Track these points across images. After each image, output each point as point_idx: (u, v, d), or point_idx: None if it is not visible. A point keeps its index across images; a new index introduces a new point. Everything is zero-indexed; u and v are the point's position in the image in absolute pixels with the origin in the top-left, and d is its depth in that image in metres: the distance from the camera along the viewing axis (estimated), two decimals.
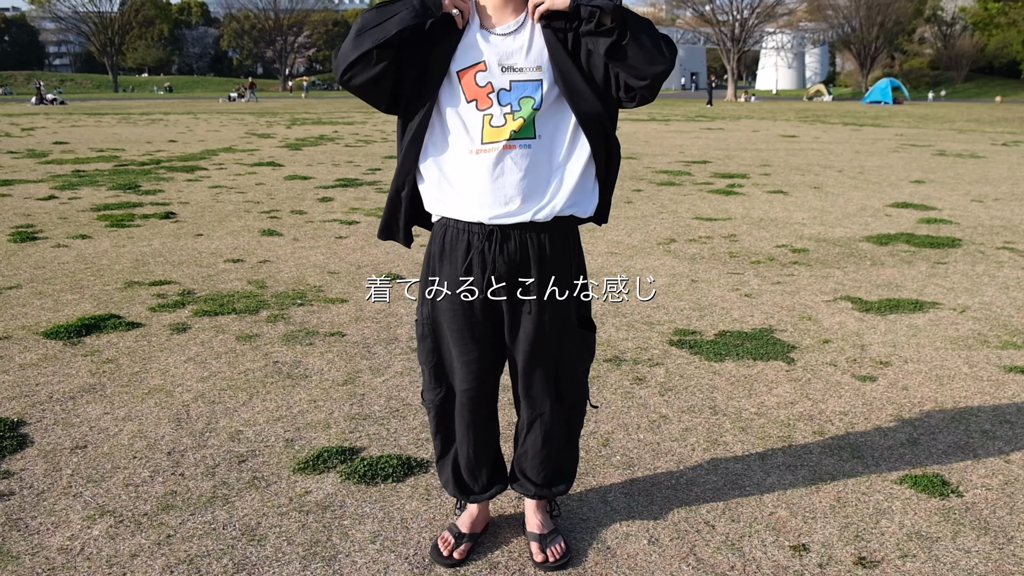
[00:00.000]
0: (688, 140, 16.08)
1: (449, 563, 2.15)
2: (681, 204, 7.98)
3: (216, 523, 2.31)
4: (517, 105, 1.93)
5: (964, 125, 22.04)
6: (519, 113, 1.93)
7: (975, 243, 6.15)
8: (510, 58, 1.93)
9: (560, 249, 2.02)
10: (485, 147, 1.94)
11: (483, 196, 1.95)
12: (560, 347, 2.08)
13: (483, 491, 2.23)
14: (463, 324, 2.05)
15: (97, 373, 3.42)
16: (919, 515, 2.37)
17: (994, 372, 3.49)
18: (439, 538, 2.21)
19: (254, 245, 5.98)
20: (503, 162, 1.94)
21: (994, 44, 58.53)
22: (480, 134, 1.94)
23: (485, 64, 1.92)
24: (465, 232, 2.00)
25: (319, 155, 12.83)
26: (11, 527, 2.28)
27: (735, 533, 2.28)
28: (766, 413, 3.07)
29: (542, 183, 1.97)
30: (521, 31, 1.94)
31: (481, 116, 1.94)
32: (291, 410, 3.07)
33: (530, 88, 1.93)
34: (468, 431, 2.15)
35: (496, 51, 1.93)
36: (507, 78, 1.92)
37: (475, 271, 2.00)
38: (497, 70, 1.93)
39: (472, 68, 1.93)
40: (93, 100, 44.28)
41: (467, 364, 2.08)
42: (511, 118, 1.93)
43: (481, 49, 1.93)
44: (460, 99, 1.95)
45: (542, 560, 2.14)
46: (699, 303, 4.51)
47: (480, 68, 1.93)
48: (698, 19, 59.46)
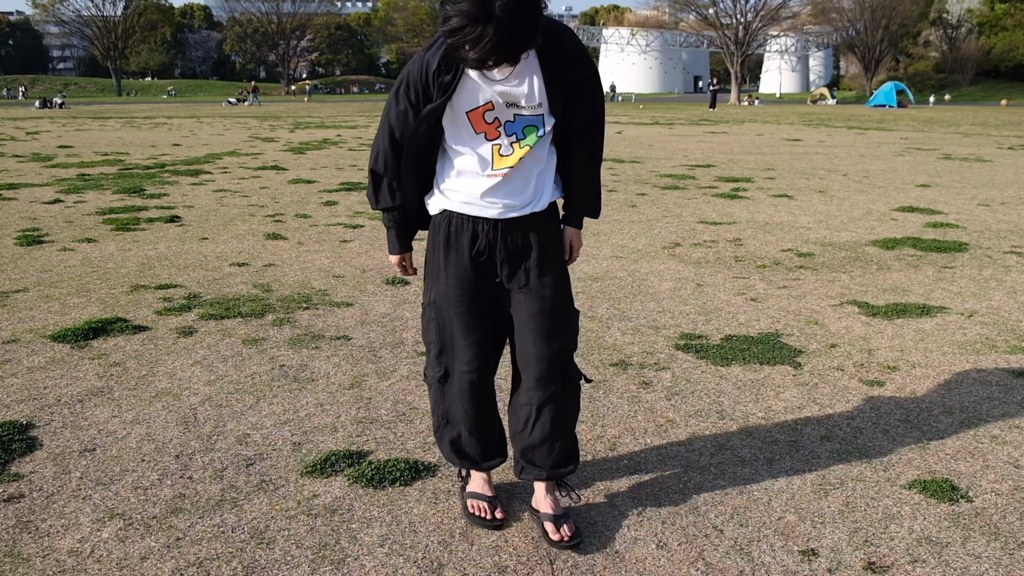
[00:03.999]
0: (692, 144, 16.08)
1: (495, 524, 2.28)
2: (685, 208, 7.98)
3: (225, 526, 2.31)
4: (522, 134, 2.10)
5: (969, 129, 22.01)
6: (524, 141, 2.11)
7: (982, 247, 6.14)
8: (512, 98, 2.07)
9: (553, 232, 2.23)
10: (495, 172, 2.12)
11: (489, 202, 2.14)
12: (565, 328, 2.22)
13: (487, 460, 2.37)
14: (468, 308, 2.19)
15: (105, 376, 3.43)
16: (929, 520, 2.36)
17: (1003, 377, 3.48)
18: (470, 506, 2.33)
19: (259, 249, 5.99)
20: (502, 182, 2.13)
21: (1000, 47, 58.48)
22: (491, 161, 2.12)
23: (493, 104, 2.07)
24: (470, 222, 2.16)
25: (323, 159, 12.86)
26: (21, 529, 2.29)
27: (744, 538, 2.27)
28: (773, 418, 3.07)
29: (536, 182, 2.18)
30: (520, 77, 2.04)
31: (491, 146, 2.11)
32: (298, 414, 3.07)
33: (534, 120, 2.11)
34: (472, 408, 2.27)
35: (499, 93, 2.06)
36: (511, 112, 2.08)
37: (481, 257, 2.16)
38: (503, 107, 2.08)
39: (481, 108, 2.07)
40: (97, 104, 44.40)
41: (471, 346, 2.21)
42: (517, 146, 2.11)
43: (487, 92, 2.05)
44: (470, 132, 2.11)
45: (558, 539, 2.21)
46: (705, 307, 4.50)
47: (488, 108, 2.07)
48: (702, 23, 59.51)
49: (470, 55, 1.83)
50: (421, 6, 78.01)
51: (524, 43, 1.84)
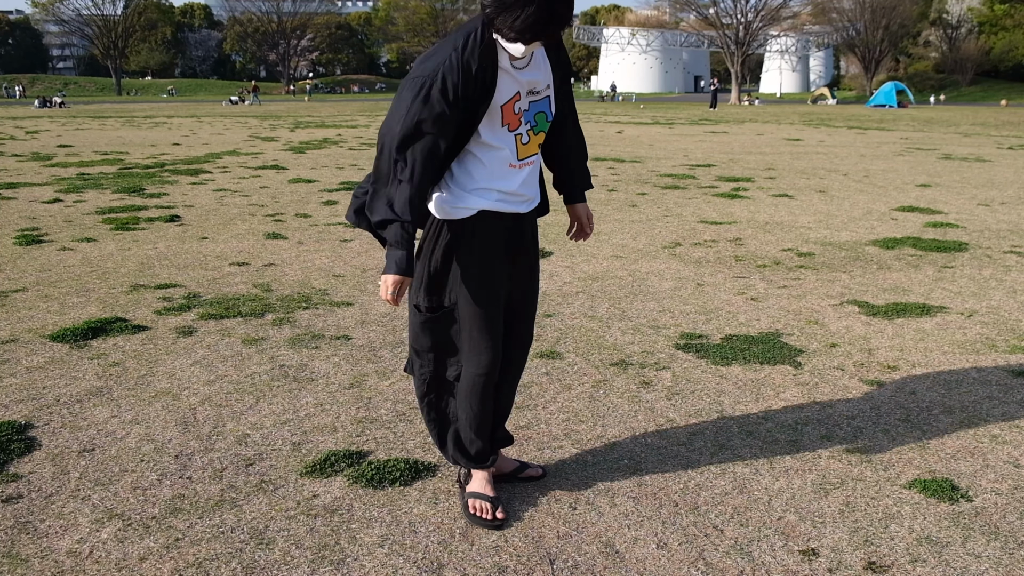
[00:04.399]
0: (692, 144, 16.08)
1: (496, 524, 2.30)
2: (686, 208, 7.97)
3: (224, 526, 2.31)
4: (534, 120, 2.19)
5: (969, 129, 22.01)
6: (538, 128, 2.21)
7: (982, 247, 6.13)
8: (533, 85, 2.17)
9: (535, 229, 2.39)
10: (519, 163, 2.21)
11: (519, 197, 2.24)
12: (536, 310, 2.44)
13: (488, 457, 2.42)
14: (497, 309, 2.26)
15: (104, 376, 3.42)
16: (929, 520, 2.36)
17: (1003, 376, 3.48)
18: (471, 507, 2.35)
19: (259, 248, 5.98)
20: (526, 172, 2.23)
21: (1000, 47, 58.49)
22: (515, 153, 2.19)
23: (520, 94, 2.15)
24: (503, 219, 2.23)
25: (323, 158, 12.85)
26: (20, 530, 2.28)
27: (744, 538, 2.27)
28: (773, 417, 3.06)
29: (539, 175, 2.35)
30: (536, 63, 2.17)
31: (513, 137, 2.18)
32: (298, 413, 3.06)
33: (543, 105, 2.21)
34: (483, 408, 2.32)
35: (524, 82, 2.15)
36: (528, 100, 2.18)
37: (506, 253, 2.26)
38: (526, 96, 2.17)
39: (512, 100, 2.14)
40: (96, 103, 44.39)
41: (492, 348, 2.26)
42: (532, 134, 2.20)
43: (516, 81, 2.13)
44: (498, 126, 2.15)
45: (541, 474, 2.57)
46: (705, 307, 4.50)
47: (517, 98, 2.15)
48: (702, 22, 59.52)
49: (515, 26, 1.94)
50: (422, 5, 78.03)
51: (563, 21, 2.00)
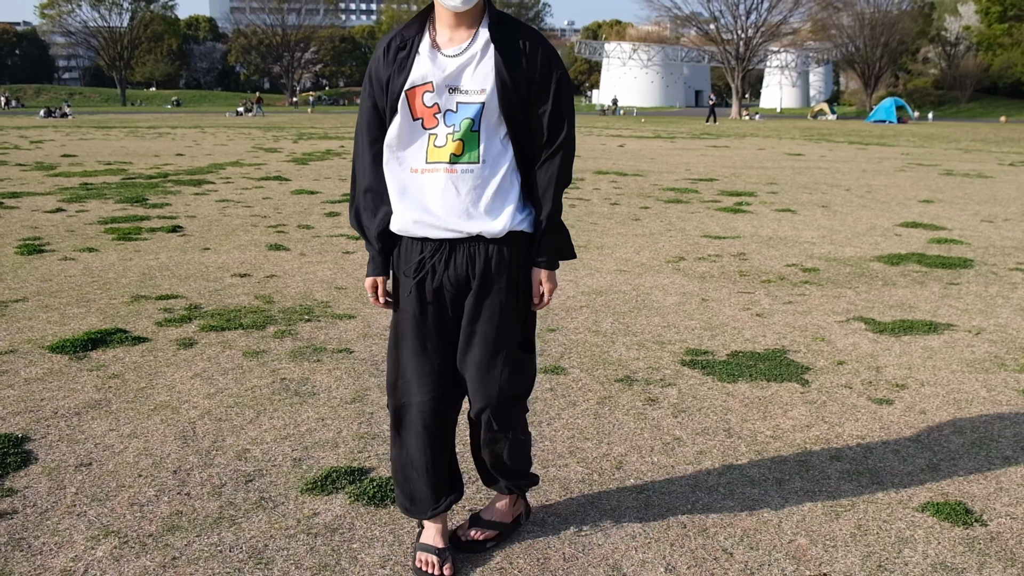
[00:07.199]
0: (694, 158, 16.09)
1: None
2: (689, 222, 7.95)
3: (223, 545, 2.26)
4: (458, 126, 1.98)
5: (970, 145, 22.04)
6: (458, 133, 1.98)
7: (987, 264, 6.10)
8: (457, 79, 1.97)
9: (505, 265, 2.05)
10: (429, 167, 2.00)
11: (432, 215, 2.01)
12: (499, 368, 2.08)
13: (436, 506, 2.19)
14: (418, 335, 2.09)
15: (103, 388, 3.38)
16: (943, 544, 2.31)
17: (1013, 396, 3.43)
18: (417, 561, 2.16)
19: (261, 260, 5.95)
20: (449, 184, 1.99)
21: (998, 64, 58.70)
22: (424, 154, 2.00)
23: (433, 85, 1.97)
24: (418, 243, 2.06)
25: (325, 169, 12.85)
26: (13, 547, 2.23)
27: (754, 561, 2.22)
28: (782, 436, 3.02)
29: (489, 204, 2.01)
30: (469, 51, 1.97)
31: (427, 135, 2.00)
32: (299, 428, 3.02)
33: (472, 110, 1.97)
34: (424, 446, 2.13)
35: (444, 71, 1.96)
36: (454, 99, 1.97)
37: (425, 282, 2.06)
38: (444, 91, 1.97)
39: (420, 88, 1.97)
40: (101, 114, 44.56)
41: (422, 376, 2.10)
42: (451, 138, 1.98)
43: (430, 69, 1.97)
44: (408, 118, 2.00)
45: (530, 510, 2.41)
46: (710, 322, 4.46)
47: (428, 88, 1.97)
48: (703, 38, 59.75)
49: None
50: None
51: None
